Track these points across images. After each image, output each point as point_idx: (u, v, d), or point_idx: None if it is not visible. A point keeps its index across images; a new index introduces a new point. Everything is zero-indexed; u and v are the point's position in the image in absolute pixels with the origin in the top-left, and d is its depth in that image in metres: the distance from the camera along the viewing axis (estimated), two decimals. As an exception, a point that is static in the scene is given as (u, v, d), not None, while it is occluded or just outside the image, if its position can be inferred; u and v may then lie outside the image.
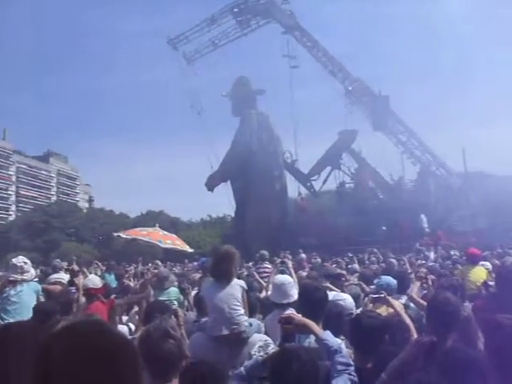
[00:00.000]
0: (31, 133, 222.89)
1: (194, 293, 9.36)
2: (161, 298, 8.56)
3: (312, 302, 4.72)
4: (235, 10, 50.11)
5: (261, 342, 4.18)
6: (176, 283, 10.69)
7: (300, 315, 4.24)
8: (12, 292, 7.31)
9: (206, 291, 5.26)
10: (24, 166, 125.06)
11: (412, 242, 27.83)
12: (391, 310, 5.65)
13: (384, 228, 38.03)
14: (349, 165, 47.40)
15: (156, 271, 11.73)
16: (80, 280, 7.62)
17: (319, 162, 48.49)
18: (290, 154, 50.37)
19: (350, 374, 3.65)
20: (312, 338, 4.20)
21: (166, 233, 10.15)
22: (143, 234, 9.91)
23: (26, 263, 7.60)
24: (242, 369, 3.90)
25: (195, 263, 21.72)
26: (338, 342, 3.92)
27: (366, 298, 6.60)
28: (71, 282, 8.48)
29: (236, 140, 51.03)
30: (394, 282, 7.29)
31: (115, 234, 10.66)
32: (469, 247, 13.42)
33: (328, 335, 3.93)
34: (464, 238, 31.65)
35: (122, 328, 7.24)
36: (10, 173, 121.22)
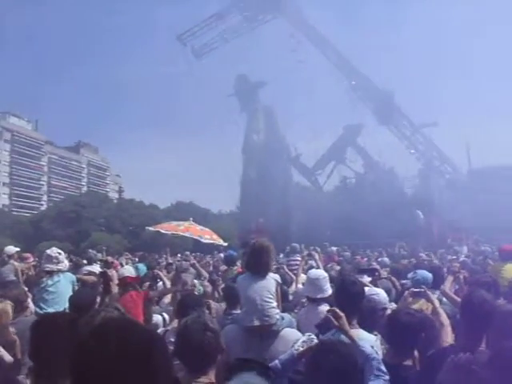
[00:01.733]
0: (62, 124, 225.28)
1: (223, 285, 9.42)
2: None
3: (349, 296, 4.71)
4: (241, 4, 50.27)
5: (305, 337, 4.17)
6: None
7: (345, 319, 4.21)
8: (49, 282, 7.37)
9: (240, 283, 5.26)
10: (55, 157, 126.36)
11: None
12: (425, 306, 5.62)
13: (419, 212, 37.93)
14: (353, 159, 47.42)
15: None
16: (113, 271, 7.68)
17: (324, 157, 48.51)
18: (295, 149, 50.58)
19: (385, 380, 3.63)
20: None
21: (202, 227, 10.17)
22: (182, 229, 9.90)
23: (60, 254, 7.67)
24: (277, 362, 3.91)
25: (221, 255, 21.81)
26: (373, 340, 3.90)
27: (406, 292, 6.53)
28: (103, 273, 8.54)
29: (246, 136, 51.23)
30: (429, 276, 7.22)
31: (151, 228, 10.68)
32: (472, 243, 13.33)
33: (363, 342, 3.91)
34: (466, 235, 31.66)
35: (157, 318, 7.30)
36: (41, 163, 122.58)
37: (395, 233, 31.18)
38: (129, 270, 8.25)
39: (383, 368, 3.70)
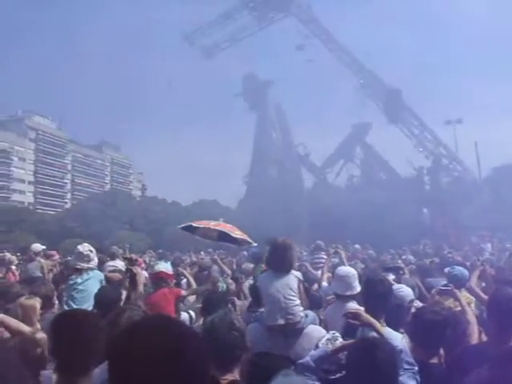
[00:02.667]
0: (86, 122, 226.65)
1: (247, 282, 9.42)
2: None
3: (377, 294, 4.70)
4: (251, 4, 50.30)
5: (329, 335, 4.17)
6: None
7: (365, 313, 4.21)
8: (79, 280, 7.33)
9: (262, 281, 5.26)
10: (79, 155, 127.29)
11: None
12: (454, 304, 5.59)
13: (425, 210, 37.89)
14: (361, 157, 47.34)
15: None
16: (138, 269, 7.68)
17: (333, 155, 48.61)
18: (304, 147, 50.62)
19: (414, 373, 3.63)
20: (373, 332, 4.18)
21: (232, 226, 10.21)
22: (213, 224, 9.98)
23: (91, 251, 7.62)
24: (309, 358, 3.89)
25: (245, 253, 21.84)
26: (400, 338, 3.90)
27: (434, 290, 6.50)
28: (129, 271, 8.58)
29: (257, 135, 51.44)
30: (466, 272, 7.18)
31: (181, 226, 10.73)
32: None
33: (391, 335, 3.91)
34: (475, 233, 31.44)
35: (183, 315, 7.32)
36: (65, 161, 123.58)
37: (404, 230, 30.97)
38: (164, 266, 8.23)
39: (411, 360, 3.70)
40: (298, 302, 4.97)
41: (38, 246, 13.91)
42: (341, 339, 4.08)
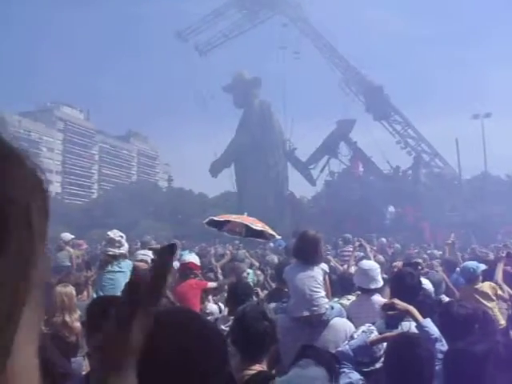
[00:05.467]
0: (113, 113, 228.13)
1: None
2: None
3: (406, 288, 4.71)
4: (241, 2, 51.09)
5: (365, 327, 4.20)
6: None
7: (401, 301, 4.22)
8: (110, 269, 7.38)
9: (287, 273, 5.29)
10: (106, 146, 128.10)
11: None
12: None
13: (391, 208, 37.99)
14: (346, 154, 47.82)
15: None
16: None
17: (317, 151, 49.15)
18: (290, 143, 51.34)
19: None
20: (412, 324, 4.19)
21: (254, 219, 10.25)
22: (234, 217, 10.05)
23: (122, 237, 7.68)
24: (348, 347, 3.91)
25: (271, 244, 21.89)
26: (437, 330, 3.91)
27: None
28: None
29: (239, 128, 52.56)
30: (480, 267, 7.16)
31: (205, 221, 10.80)
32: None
33: (429, 323, 3.92)
34: (454, 230, 31.28)
35: (212, 307, 7.37)
36: (93, 152, 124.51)
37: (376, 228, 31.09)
38: (193, 257, 8.27)
39: (445, 349, 3.72)
40: (323, 293, 4.98)
41: (67, 235, 14.07)
42: (376, 332, 4.10)
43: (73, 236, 14.46)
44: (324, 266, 5.29)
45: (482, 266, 7.35)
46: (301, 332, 4.82)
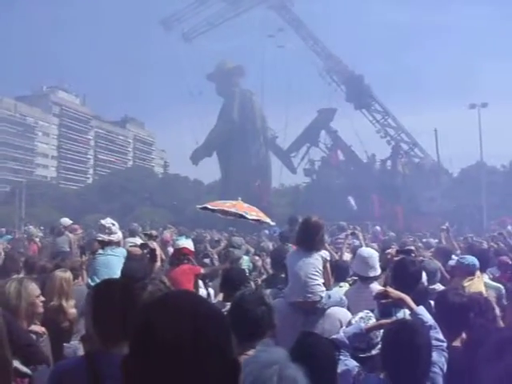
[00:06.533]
0: (109, 99, 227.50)
1: (268, 260, 9.48)
2: (233, 267, 8.62)
3: (407, 275, 4.72)
4: None
5: (363, 314, 4.20)
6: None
7: (394, 289, 4.22)
8: (102, 253, 7.34)
9: (288, 259, 5.30)
10: (102, 131, 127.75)
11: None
12: (479, 286, 5.60)
13: (350, 198, 38.33)
14: (326, 142, 48.26)
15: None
16: (154, 244, 7.68)
17: (298, 139, 49.80)
18: (272, 131, 52.03)
19: (443, 349, 3.66)
20: (406, 311, 4.20)
21: (249, 205, 10.21)
22: (228, 205, 10.00)
23: (113, 225, 7.54)
24: (343, 335, 3.91)
25: (266, 231, 21.97)
26: (431, 317, 3.92)
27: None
28: (144, 245, 8.62)
29: (220, 117, 53.27)
30: (476, 261, 7.17)
31: (199, 207, 10.78)
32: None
33: (422, 310, 3.93)
34: (430, 219, 31.68)
35: (202, 292, 7.36)
36: (88, 137, 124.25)
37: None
38: (187, 242, 8.26)
39: (441, 336, 3.73)
40: (319, 281, 4.96)
41: (66, 220, 14.15)
42: (374, 319, 4.11)
43: (71, 221, 14.49)
44: (325, 253, 5.26)
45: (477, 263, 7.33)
46: (296, 318, 4.83)
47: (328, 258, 5.24)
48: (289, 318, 4.78)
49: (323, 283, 5.02)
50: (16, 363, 3.72)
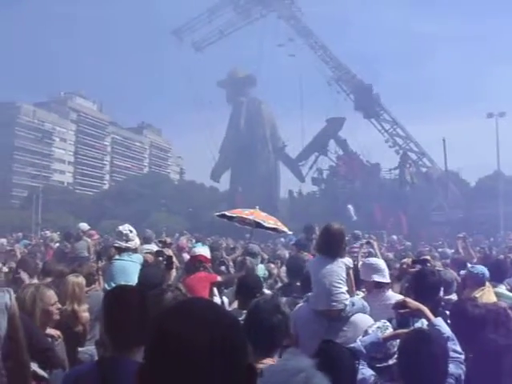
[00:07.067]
0: (126, 105, 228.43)
1: (283, 268, 9.47)
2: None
3: (427, 285, 4.71)
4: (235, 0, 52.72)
5: (380, 323, 4.17)
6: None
7: (413, 299, 4.21)
8: (118, 259, 7.35)
9: (311, 266, 5.28)
10: (119, 137, 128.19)
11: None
12: (490, 297, 5.56)
13: (350, 207, 38.21)
14: (335, 151, 48.34)
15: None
16: (170, 251, 7.68)
17: (307, 148, 49.75)
18: (282, 141, 52.25)
19: (461, 362, 3.64)
20: (424, 322, 4.19)
21: (266, 214, 10.19)
22: (246, 213, 9.98)
23: (131, 231, 7.59)
24: (360, 343, 3.90)
25: (282, 239, 21.95)
26: (448, 328, 3.90)
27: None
28: (159, 253, 8.63)
29: (229, 125, 53.70)
30: (486, 271, 7.12)
31: (217, 214, 10.78)
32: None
33: (440, 321, 3.91)
34: (438, 228, 31.49)
35: (216, 300, 7.35)
36: (105, 143, 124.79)
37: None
38: (203, 250, 8.24)
39: (458, 348, 3.71)
40: (343, 289, 4.93)
41: (85, 225, 14.21)
42: (391, 329, 4.09)
43: (89, 227, 14.56)
44: (348, 260, 5.23)
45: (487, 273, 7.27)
46: (319, 325, 4.81)
47: (351, 266, 5.21)
48: (312, 324, 4.80)
49: (347, 291, 5.01)
50: (34, 366, 3.75)
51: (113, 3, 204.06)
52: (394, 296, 5.73)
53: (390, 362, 3.90)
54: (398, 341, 3.78)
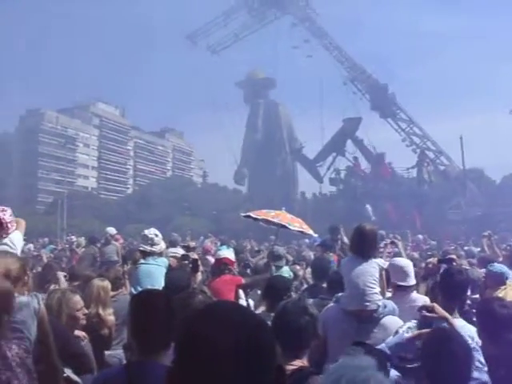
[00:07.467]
0: (148, 110, 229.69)
1: (308, 270, 9.45)
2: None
3: (454, 285, 4.66)
4: (249, 3, 54.24)
5: (411, 323, 4.16)
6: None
7: (441, 298, 4.19)
8: (144, 263, 7.36)
9: (344, 266, 5.25)
10: (141, 142, 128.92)
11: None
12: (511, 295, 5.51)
13: (368, 206, 37.95)
14: (352, 151, 48.19)
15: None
16: (195, 255, 7.69)
17: (324, 149, 49.61)
18: (299, 141, 52.23)
19: (485, 372, 3.61)
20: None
21: (292, 216, 10.12)
22: (272, 215, 9.90)
23: (156, 236, 7.58)
24: (384, 345, 3.89)
25: (306, 240, 21.89)
26: (474, 331, 3.87)
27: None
28: (185, 257, 8.62)
29: (247, 127, 53.83)
30: (505, 269, 7.04)
31: (242, 215, 10.74)
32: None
33: (465, 331, 3.89)
34: (455, 227, 31.21)
35: (242, 303, 7.33)
36: (128, 148, 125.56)
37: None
38: (228, 252, 8.18)
39: (482, 360, 3.68)
40: (377, 290, 4.90)
41: (112, 230, 14.25)
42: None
43: (116, 231, 14.64)
44: (381, 261, 5.22)
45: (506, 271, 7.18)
46: (349, 325, 4.77)
47: (384, 266, 5.19)
48: (341, 325, 4.78)
49: (379, 292, 4.99)
50: (68, 372, 3.79)
51: (135, 8, 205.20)
52: (419, 298, 5.70)
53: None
54: None
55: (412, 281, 5.87)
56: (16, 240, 4.64)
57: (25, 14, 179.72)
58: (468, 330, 4.13)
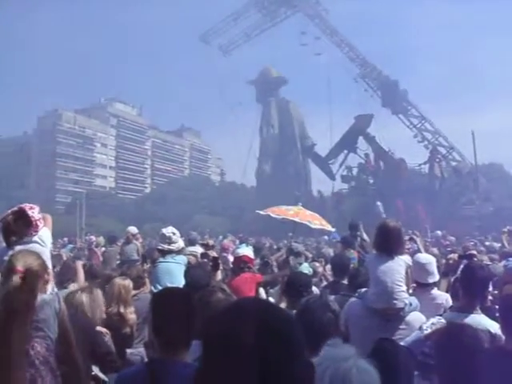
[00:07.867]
0: (166, 109, 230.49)
1: (327, 267, 9.42)
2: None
3: (476, 280, 4.62)
4: (259, 2, 53.94)
5: (435, 319, 4.11)
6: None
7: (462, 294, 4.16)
8: (163, 262, 7.41)
9: (369, 263, 5.20)
10: (159, 141, 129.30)
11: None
12: None
13: (379, 203, 37.73)
14: (364, 148, 48.05)
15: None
16: (214, 253, 7.70)
17: (336, 146, 49.44)
18: (311, 139, 52.14)
19: None
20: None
21: (311, 212, 10.03)
22: (291, 214, 9.82)
23: (174, 234, 7.60)
24: (403, 343, 3.86)
25: (325, 237, 21.88)
26: (496, 329, 3.84)
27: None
28: (204, 255, 8.62)
29: (262, 126, 54.02)
30: None
31: (261, 212, 10.69)
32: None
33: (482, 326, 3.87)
34: (469, 222, 30.97)
35: (261, 300, 7.34)
36: (145, 147, 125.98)
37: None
38: (247, 250, 8.17)
39: None
40: (404, 288, 4.85)
41: (134, 229, 14.22)
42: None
43: (137, 230, 14.65)
44: (407, 258, 5.15)
45: None
46: (370, 322, 4.73)
47: (410, 264, 5.12)
48: (364, 321, 4.75)
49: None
50: (96, 370, 3.82)
51: (150, 9, 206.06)
52: (439, 295, 5.66)
53: None
54: None
55: (433, 278, 5.83)
56: (45, 237, 4.65)
57: (43, 15, 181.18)
58: (489, 326, 4.09)
